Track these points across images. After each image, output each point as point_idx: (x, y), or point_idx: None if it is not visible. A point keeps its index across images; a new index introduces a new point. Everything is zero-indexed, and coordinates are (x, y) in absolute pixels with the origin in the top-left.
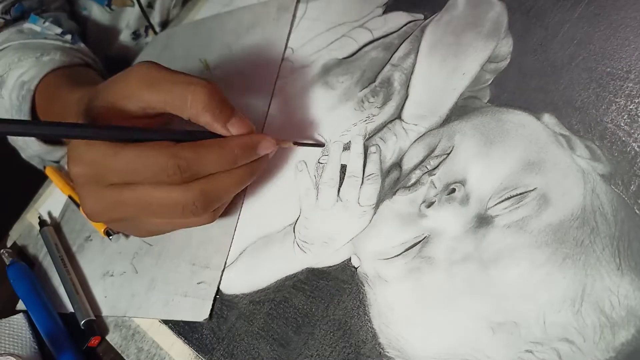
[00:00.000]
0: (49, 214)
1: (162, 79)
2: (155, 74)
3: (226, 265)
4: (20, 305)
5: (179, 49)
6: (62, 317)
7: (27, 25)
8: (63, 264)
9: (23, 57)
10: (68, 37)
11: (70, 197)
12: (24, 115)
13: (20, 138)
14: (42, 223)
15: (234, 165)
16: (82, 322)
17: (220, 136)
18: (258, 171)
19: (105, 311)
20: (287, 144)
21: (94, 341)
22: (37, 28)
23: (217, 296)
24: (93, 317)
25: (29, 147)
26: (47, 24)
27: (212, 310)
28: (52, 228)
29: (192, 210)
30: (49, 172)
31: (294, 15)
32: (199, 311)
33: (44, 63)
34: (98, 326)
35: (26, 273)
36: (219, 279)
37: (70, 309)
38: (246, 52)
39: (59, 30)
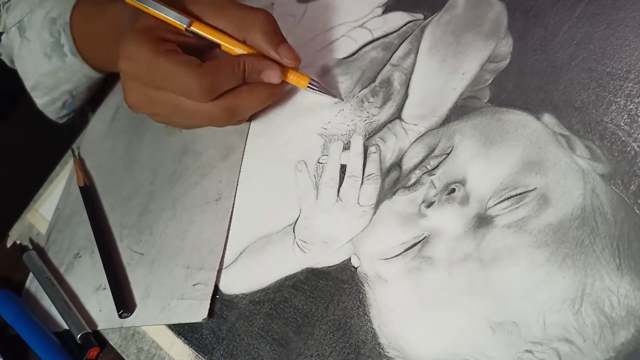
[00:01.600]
0: (30, 239)
1: (227, 4)
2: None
3: (226, 265)
4: (11, 331)
5: None
6: (57, 336)
7: None
8: (51, 284)
9: None
10: None
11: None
12: (67, 48)
13: (66, 65)
14: (23, 249)
15: (242, 81)
16: (78, 336)
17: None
18: (274, 96)
19: (101, 324)
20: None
21: (92, 353)
22: None
23: (217, 296)
24: (89, 330)
25: (72, 76)
26: None
27: (211, 309)
28: (34, 252)
29: (216, 122)
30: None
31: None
32: (196, 312)
33: None
34: (95, 338)
35: (12, 299)
36: (215, 279)
37: (65, 326)
38: None
39: None
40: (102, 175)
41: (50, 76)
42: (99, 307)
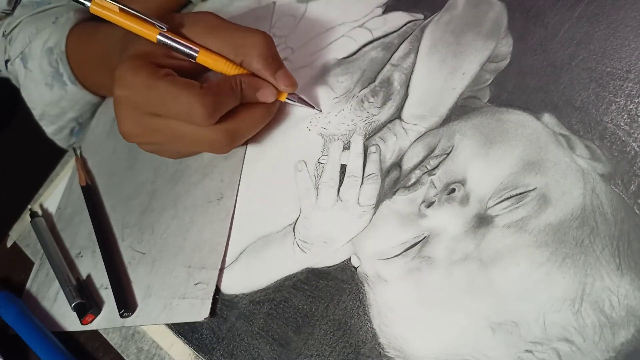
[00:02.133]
0: (41, 206)
1: (225, 26)
2: (219, 22)
3: (226, 265)
4: (12, 331)
5: None
6: (57, 336)
7: (25, 0)
8: (55, 251)
9: (39, 26)
10: None
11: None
12: (66, 77)
13: (69, 94)
14: (32, 214)
15: (240, 100)
16: (73, 304)
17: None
18: (270, 115)
19: (102, 324)
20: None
21: (88, 318)
22: None
23: (217, 296)
24: (83, 301)
25: (75, 104)
26: None
27: (212, 308)
28: (42, 219)
29: (217, 147)
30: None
31: (271, 24)
32: (198, 311)
33: (62, 25)
34: (90, 306)
35: (12, 300)
36: (217, 278)
37: (66, 326)
38: None
39: None
40: (103, 175)
41: (53, 105)
42: (100, 305)
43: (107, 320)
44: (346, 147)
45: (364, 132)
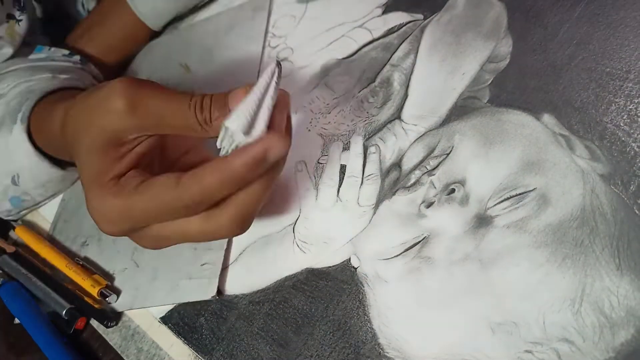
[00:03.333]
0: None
1: (154, 102)
2: (144, 98)
3: (226, 266)
4: (17, 321)
5: (158, 55)
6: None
7: (33, 56)
8: (29, 278)
9: (35, 74)
10: (77, 57)
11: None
12: (20, 114)
13: (27, 167)
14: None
15: (244, 183)
16: (64, 312)
17: None
18: (280, 171)
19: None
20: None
21: (80, 323)
22: (43, 55)
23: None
24: (72, 306)
25: (13, 153)
26: (53, 49)
27: (219, 288)
28: (7, 256)
29: (226, 233)
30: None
31: (269, 13)
32: (205, 290)
33: (60, 80)
34: (82, 311)
35: (19, 291)
36: (223, 258)
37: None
38: (226, 53)
39: (66, 52)
40: None
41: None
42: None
43: (115, 304)
44: (346, 147)
45: (364, 132)
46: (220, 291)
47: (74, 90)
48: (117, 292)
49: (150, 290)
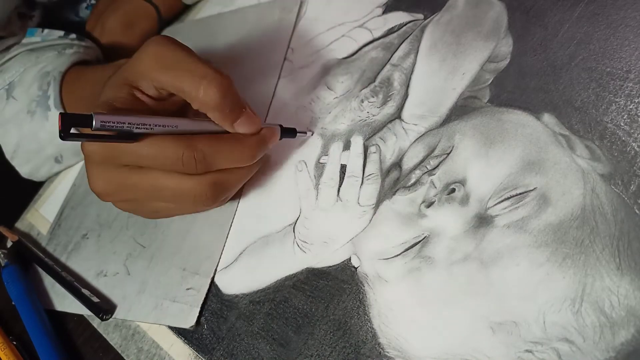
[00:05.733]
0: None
1: (176, 62)
2: (169, 55)
3: (226, 265)
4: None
5: (185, 40)
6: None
7: (26, 40)
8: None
9: (41, 55)
10: (73, 35)
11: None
12: (52, 101)
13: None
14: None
15: (252, 162)
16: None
17: None
18: (259, 166)
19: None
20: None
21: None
22: (37, 38)
23: (213, 298)
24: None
25: (55, 137)
26: (46, 31)
27: (199, 318)
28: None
29: (203, 200)
30: None
31: (298, 17)
32: (185, 318)
33: (68, 55)
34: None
35: (19, 275)
36: (207, 287)
37: (58, 307)
38: (248, 53)
39: (61, 33)
40: None
41: (31, 138)
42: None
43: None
44: (346, 147)
45: (364, 132)
46: (199, 321)
47: (86, 64)
48: None
49: (134, 303)
